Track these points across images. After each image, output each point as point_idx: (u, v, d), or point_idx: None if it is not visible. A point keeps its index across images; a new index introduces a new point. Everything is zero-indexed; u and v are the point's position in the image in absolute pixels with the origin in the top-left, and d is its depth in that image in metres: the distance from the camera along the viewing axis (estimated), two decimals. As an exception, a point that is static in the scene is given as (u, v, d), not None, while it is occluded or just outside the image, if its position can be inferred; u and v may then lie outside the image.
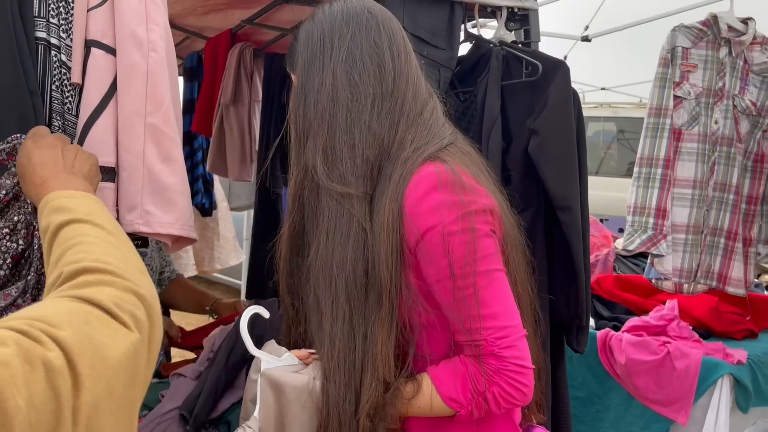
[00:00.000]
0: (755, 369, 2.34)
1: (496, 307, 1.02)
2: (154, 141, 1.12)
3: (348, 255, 1.03)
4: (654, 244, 2.37)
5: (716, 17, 2.43)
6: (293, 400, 1.00)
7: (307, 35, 1.11)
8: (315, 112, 1.08)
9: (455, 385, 1.03)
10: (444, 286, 1.02)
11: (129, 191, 1.12)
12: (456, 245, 1.00)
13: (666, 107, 2.40)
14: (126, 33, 1.11)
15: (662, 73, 2.43)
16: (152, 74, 1.11)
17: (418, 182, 1.02)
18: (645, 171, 2.44)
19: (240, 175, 2.88)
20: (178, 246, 1.23)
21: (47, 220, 0.80)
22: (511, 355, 1.02)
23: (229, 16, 2.70)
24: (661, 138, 2.40)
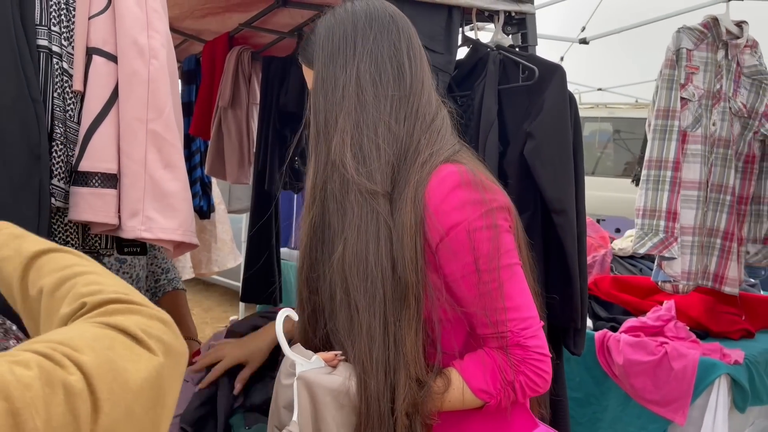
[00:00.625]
0: (752, 369, 2.36)
1: (518, 300, 1.07)
2: (155, 147, 1.13)
3: (381, 251, 1.05)
4: (666, 247, 2.34)
5: (717, 20, 2.44)
6: (330, 401, 1.00)
7: (328, 31, 1.12)
8: (340, 108, 1.09)
9: (485, 377, 1.07)
10: (469, 281, 1.05)
11: (131, 197, 1.12)
12: (481, 241, 1.04)
13: (674, 109, 2.38)
14: (127, 40, 1.12)
15: (669, 74, 2.39)
16: (153, 81, 1.12)
17: (441, 181, 1.06)
18: (654, 173, 2.39)
19: (238, 178, 2.89)
20: (180, 251, 1.24)
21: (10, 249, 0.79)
22: (534, 344, 1.07)
23: (227, 19, 2.71)
24: (669, 140, 2.37)
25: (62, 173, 1.13)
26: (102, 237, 1.35)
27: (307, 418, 1.00)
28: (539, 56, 1.82)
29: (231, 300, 6.28)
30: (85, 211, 1.11)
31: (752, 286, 3.06)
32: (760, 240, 2.59)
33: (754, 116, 2.54)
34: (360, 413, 1.01)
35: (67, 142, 1.14)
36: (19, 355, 0.55)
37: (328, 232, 1.11)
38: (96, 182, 1.11)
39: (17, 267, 0.77)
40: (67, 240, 1.29)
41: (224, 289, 6.44)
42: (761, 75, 2.55)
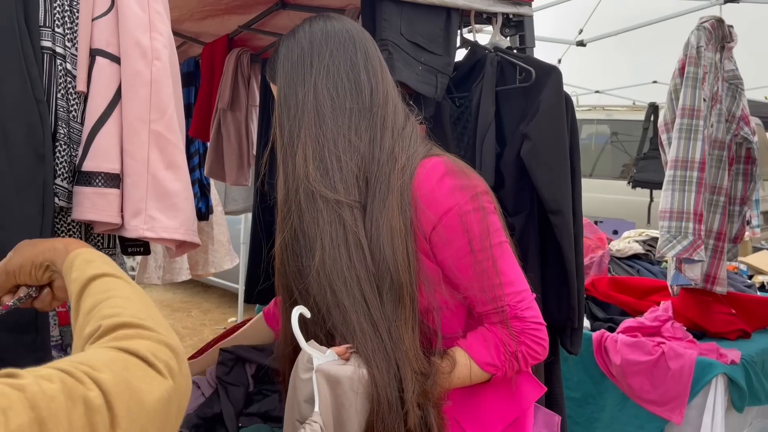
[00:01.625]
0: (749, 369, 2.37)
1: (511, 275, 1.14)
2: (158, 147, 1.14)
3: (352, 256, 1.09)
4: (695, 250, 2.27)
5: (722, 21, 2.44)
6: (348, 389, 1.03)
7: (288, 50, 1.18)
8: (301, 123, 1.13)
9: (489, 351, 1.13)
10: (465, 263, 1.12)
11: (133, 197, 1.14)
12: (473, 223, 1.10)
13: (698, 108, 2.31)
14: (130, 42, 1.13)
15: (693, 72, 2.33)
16: (156, 82, 1.14)
17: (429, 172, 1.12)
18: (680, 174, 2.32)
19: (237, 180, 2.90)
20: (181, 251, 1.26)
21: (79, 271, 0.85)
22: (530, 315, 1.14)
23: (226, 21, 2.72)
24: (695, 140, 2.30)
25: (66, 173, 1.14)
26: (105, 236, 1.36)
27: (328, 407, 1.03)
28: (536, 58, 1.84)
29: (230, 302, 6.29)
30: (89, 210, 1.12)
31: (748, 287, 3.08)
32: (731, 239, 2.61)
33: (731, 119, 2.56)
34: (372, 399, 1.05)
35: (71, 142, 1.15)
36: (43, 370, 0.58)
37: (305, 242, 1.14)
38: (99, 182, 1.12)
39: (76, 289, 0.82)
40: (69, 239, 1.30)
41: (223, 291, 6.45)
42: (737, 80, 2.57)
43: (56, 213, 1.19)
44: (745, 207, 2.64)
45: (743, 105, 2.58)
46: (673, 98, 2.39)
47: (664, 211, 2.33)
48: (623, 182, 5.98)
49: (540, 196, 1.68)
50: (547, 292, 1.75)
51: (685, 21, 2.53)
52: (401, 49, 1.66)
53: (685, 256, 2.29)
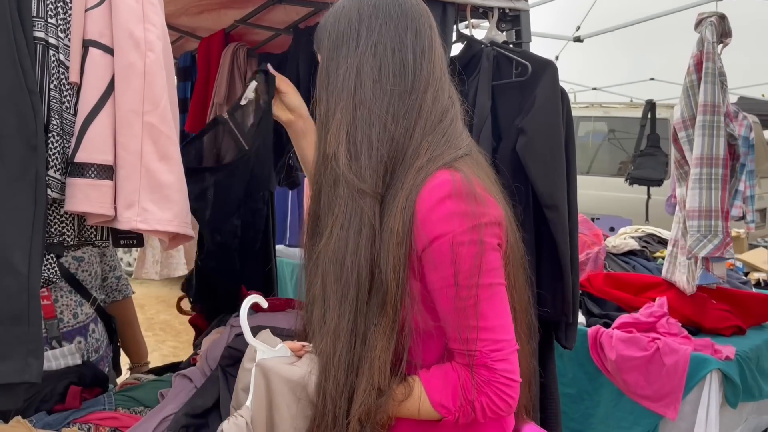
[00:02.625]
0: (743, 365, 2.38)
1: (494, 321, 1.04)
2: (151, 139, 1.14)
3: (361, 251, 1.03)
4: (725, 247, 2.26)
5: (725, 17, 2.42)
6: (287, 391, 1.01)
7: (335, 19, 1.10)
8: (339, 100, 1.07)
9: (445, 391, 1.05)
10: (446, 294, 1.03)
11: (127, 189, 1.13)
12: (464, 256, 1.01)
13: (719, 104, 2.29)
14: (124, 33, 1.13)
15: (711, 68, 2.31)
16: (149, 74, 1.13)
17: (433, 189, 1.02)
18: (706, 172, 2.30)
19: (233, 174, 2.90)
20: (175, 243, 1.25)
21: None
22: (502, 368, 1.04)
23: (223, 16, 2.72)
24: (718, 136, 2.28)
25: (58, 164, 1.14)
26: (97, 228, 1.36)
27: (261, 404, 1.01)
28: (532, 52, 1.84)
29: (226, 298, 6.26)
30: (82, 202, 1.12)
31: (744, 283, 3.08)
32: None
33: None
34: (316, 409, 1.02)
35: (64, 133, 1.15)
36: None
37: (319, 224, 1.11)
38: (92, 173, 1.12)
39: None
40: (63, 231, 1.30)
41: (219, 286, 6.43)
42: (723, 76, 2.56)
43: (49, 205, 1.18)
44: None
45: (728, 101, 2.57)
46: (691, 94, 2.35)
47: (693, 210, 2.28)
48: (620, 179, 5.98)
49: (535, 190, 1.68)
50: (542, 286, 1.75)
51: (682, 17, 2.52)
52: (397, 43, 1.65)
53: (717, 255, 2.25)
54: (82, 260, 1.74)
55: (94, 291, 1.82)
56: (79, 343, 1.71)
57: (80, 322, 1.73)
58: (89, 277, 1.78)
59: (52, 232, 1.28)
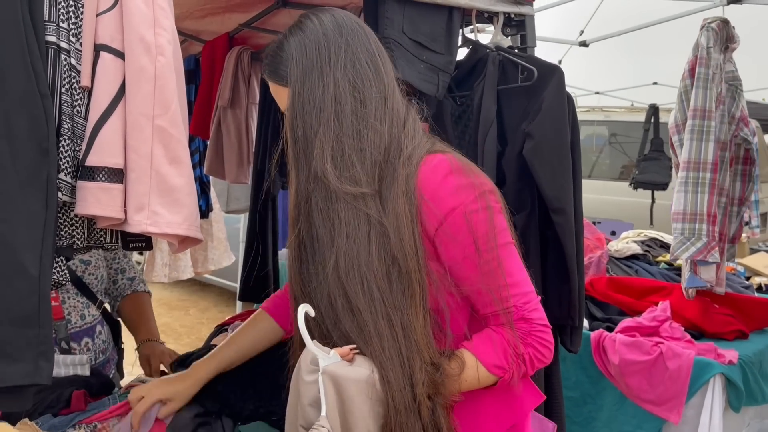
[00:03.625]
0: (746, 369, 2.38)
1: (518, 276, 1.12)
2: (162, 143, 1.14)
3: (372, 252, 1.07)
4: (709, 251, 2.27)
5: (728, 22, 2.44)
6: (357, 393, 1.00)
7: (300, 46, 1.13)
8: (319, 121, 1.10)
9: (496, 352, 1.11)
10: (471, 263, 1.10)
11: (137, 192, 1.14)
12: (478, 222, 1.08)
13: (710, 109, 2.31)
14: (135, 37, 1.13)
15: (704, 73, 2.33)
16: (160, 78, 1.14)
17: (433, 170, 1.10)
18: (693, 175, 2.32)
19: (237, 178, 2.91)
20: (184, 246, 1.26)
21: None
22: (537, 317, 1.12)
23: (227, 19, 2.73)
24: (707, 141, 2.30)
25: (69, 168, 1.14)
26: (107, 231, 1.37)
27: (335, 411, 0.99)
28: (538, 57, 1.85)
29: (227, 300, 6.28)
30: (92, 205, 1.12)
31: (746, 288, 3.09)
32: (729, 239, 2.62)
33: (731, 121, 2.57)
34: (387, 405, 1.02)
35: (75, 137, 1.15)
36: None
37: (317, 246, 1.12)
38: (103, 177, 1.12)
39: None
40: (73, 234, 1.30)
41: (220, 289, 6.45)
42: (737, 81, 2.57)
43: (60, 208, 1.19)
44: (743, 207, 2.65)
45: (742, 106, 2.59)
46: (684, 99, 2.38)
47: (677, 213, 2.32)
48: (622, 183, 5.99)
49: (542, 194, 1.69)
50: (548, 290, 1.75)
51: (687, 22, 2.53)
52: (403, 48, 1.66)
53: (700, 258, 2.27)
54: (89, 263, 1.75)
55: (100, 294, 1.82)
56: (86, 344, 1.72)
57: (87, 323, 1.74)
58: (95, 281, 1.79)
59: (62, 234, 1.29)
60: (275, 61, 1.16)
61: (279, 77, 1.15)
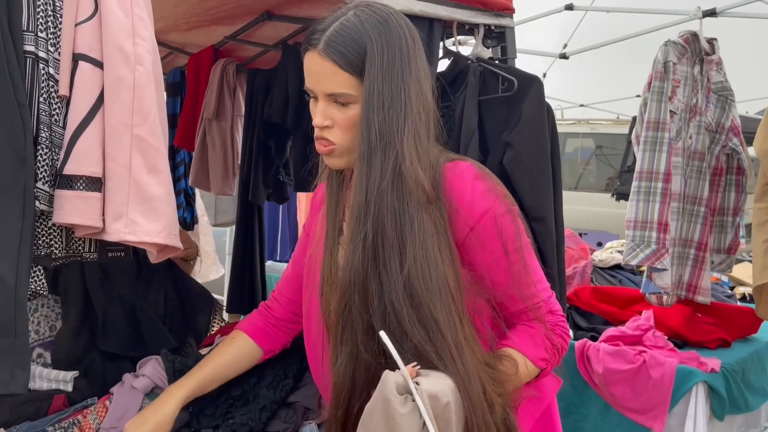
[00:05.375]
0: (728, 377, 2.40)
1: (539, 273, 1.18)
2: (140, 152, 1.14)
3: (445, 261, 1.06)
4: (658, 258, 2.34)
5: (696, 35, 2.49)
6: (453, 401, 0.95)
7: (385, 42, 1.08)
8: (398, 123, 1.07)
9: (537, 346, 1.16)
10: (500, 265, 1.13)
11: (115, 201, 1.14)
12: (506, 226, 1.12)
13: (664, 121, 2.39)
14: (113, 47, 1.14)
15: (659, 87, 2.41)
16: (139, 87, 1.14)
17: (460, 176, 1.12)
18: (645, 185, 2.40)
19: (222, 189, 2.91)
20: (163, 255, 1.26)
21: None
22: (558, 308, 1.20)
23: (212, 32, 2.74)
24: (660, 152, 2.38)
25: (47, 177, 1.14)
26: (85, 240, 1.36)
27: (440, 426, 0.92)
28: (518, 68, 1.87)
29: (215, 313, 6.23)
30: (70, 214, 1.12)
31: (729, 297, 3.11)
32: (725, 249, 2.65)
33: (720, 131, 2.61)
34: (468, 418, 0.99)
35: (52, 146, 1.15)
36: None
37: (383, 248, 1.06)
38: (81, 185, 1.12)
39: None
40: (50, 243, 1.30)
41: (208, 303, 6.40)
42: (726, 91, 2.62)
43: (37, 217, 1.19)
44: (737, 218, 2.66)
45: (733, 116, 2.63)
46: (642, 112, 2.45)
47: (629, 221, 2.42)
48: (608, 195, 6.03)
49: (522, 203, 1.70)
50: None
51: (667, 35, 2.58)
52: (384, 59, 1.67)
53: (647, 264, 2.37)
54: None
55: None
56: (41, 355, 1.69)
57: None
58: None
59: (39, 244, 1.28)
60: (347, 47, 1.08)
61: (349, 64, 1.08)
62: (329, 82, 1.09)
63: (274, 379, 1.61)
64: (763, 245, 2.15)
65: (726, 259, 2.71)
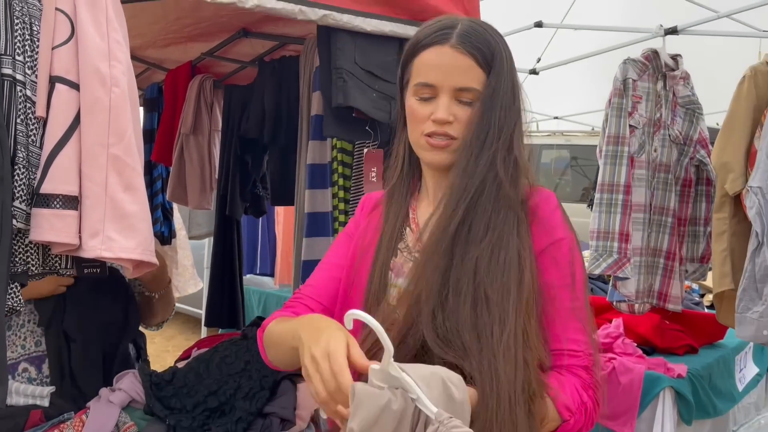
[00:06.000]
0: (695, 382, 2.47)
1: (589, 326, 1.09)
2: (116, 171, 1.18)
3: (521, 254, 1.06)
4: (620, 267, 2.43)
5: (656, 52, 2.60)
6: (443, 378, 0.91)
7: (506, 47, 1.14)
8: (509, 120, 1.10)
9: (565, 393, 1.04)
10: (565, 292, 1.08)
11: (92, 218, 1.17)
12: (579, 261, 1.11)
13: (623, 135, 2.49)
14: (90, 69, 1.18)
15: (618, 103, 2.51)
16: (115, 108, 1.18)
17: (547, 199, 1.13)
18: (606, 197, 2.50)
19: (200, 203, 2.93)
20: (139, 271, 1.29)
21: None
22: (597, 372, 1.08)
23: (189, 48, 2.78)
24: (620, 165, 2.48)
25: (24, 195, 1.17)
26: (62, 257, 1.38)
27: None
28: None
29: (193, 327, 6.23)
30: (47, 231, 1.15)
31: (696, 304, 3.19)
32: (698, 259, 2.73)
33: (689, 143, 2.70)
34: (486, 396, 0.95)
35: (29, 165, 1.18)
36: None
37: (468, 233, 1.07)
38: (57, 204, 1.15)
39: None
40: (27, 260, 1.32)
41: (186, 316, 6.38)
42: (694, 105, 2.72)
43: (14, 235, 1.21)
44: (708, 227, 2.74)
45: (701, 128, 2.73)
46: (605, 127, 2.56)
47: (592, 231, 2.50)
48: (584, 205, 6.13)
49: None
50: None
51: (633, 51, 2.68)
52: (356, 77, 1.73)
53: (609, 273, 2.45)
54: None
55: None
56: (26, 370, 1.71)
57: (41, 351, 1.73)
58: None
59: (17, 261, 1.30)
60: (482, 44, 1.11)
61: (484, 61, 1.10)
62: (463, 76, 1.09)
63: (251, 390, 1.64)
64: (721, 254, 2.23)
65: (699, 267, 2.79)
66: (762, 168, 2.04)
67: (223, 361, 1.72)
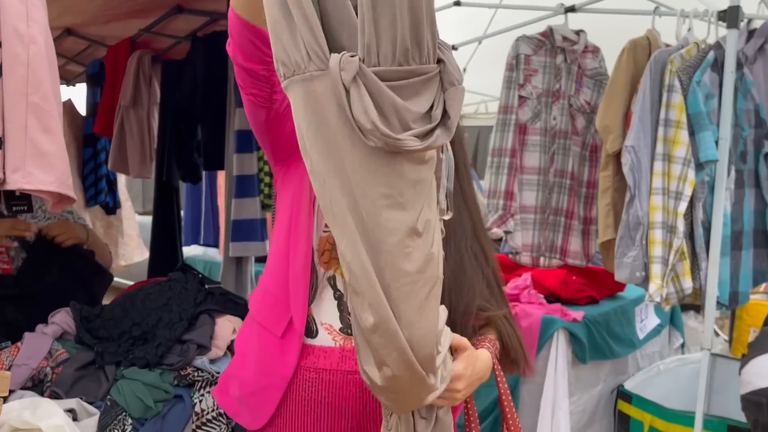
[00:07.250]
0: (591, 326, 2.74)
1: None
2: (35, 115, 1.37)
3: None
4: (503, 222, 2.75)
5: (552, 29, 2.86)
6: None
7: None
8: None
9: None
10: None
11: (14, 157, 1.37)
12: None
13: (512, 105, 2.79)
14: (10, 29, 1.37)
15: (508, 76, 2.81)
16: (32, 62, 1.37)
17: None
18: (496, 161, 2.82)
19: (140, 173, 3.11)
20: (59, 206, 1.49)
21: None
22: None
23: (128, 24, 2.95)
24: (507, 132, 2.79)
25: (-46, 138, 1.36)
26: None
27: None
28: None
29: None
30: (-25, 168, 1.34)
31: (604, 262, 3.49)
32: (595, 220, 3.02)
33: (593, 111, 2.97)
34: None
35: (-42, 113, 1.37)
36: None
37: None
38: (-17, 144, 1.35)
39: None
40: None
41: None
42: (601, 75, 2.98)
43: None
44: None
45: None
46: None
47: (485, 191, 2.85)
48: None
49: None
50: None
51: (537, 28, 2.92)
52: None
53: (495, 227, 2.80)
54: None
55: None
56: None
57: None
58: None
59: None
60: None
61: None
62: None
63: (170, 321, 1.85)
64: (605, 208, 2.50)
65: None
66: (635, 129, 2.31)
67: (147, 297, 1.92)
